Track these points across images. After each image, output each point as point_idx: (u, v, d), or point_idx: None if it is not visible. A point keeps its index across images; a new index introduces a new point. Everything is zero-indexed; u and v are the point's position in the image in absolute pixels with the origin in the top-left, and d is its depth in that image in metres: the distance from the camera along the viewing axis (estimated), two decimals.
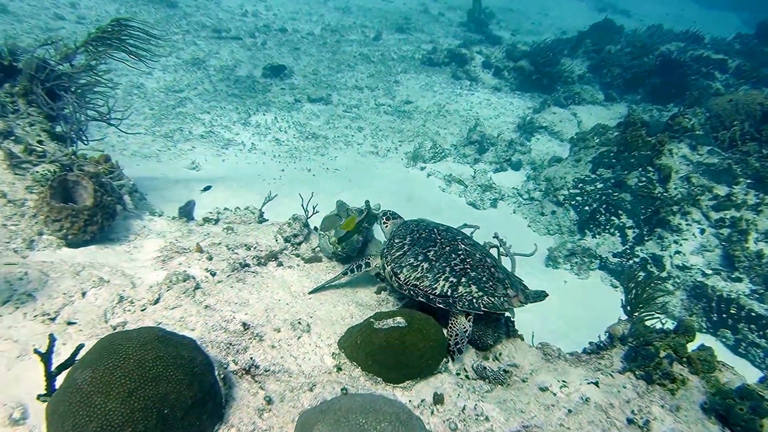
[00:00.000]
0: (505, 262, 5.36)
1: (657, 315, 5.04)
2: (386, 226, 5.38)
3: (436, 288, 4.37)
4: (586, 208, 11.87)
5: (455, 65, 20.07)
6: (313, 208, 6.11)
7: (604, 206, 11.64)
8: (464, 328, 4.27)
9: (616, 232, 11.25)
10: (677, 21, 27.66)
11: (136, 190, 7.79)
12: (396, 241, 4.92)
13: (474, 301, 4.27)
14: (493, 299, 4.29)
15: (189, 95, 15.71)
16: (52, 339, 3.53)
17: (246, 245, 5.82)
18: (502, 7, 30.98)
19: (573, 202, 12.15)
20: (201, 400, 3.07)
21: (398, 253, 4.76)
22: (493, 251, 5.57)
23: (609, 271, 10.84)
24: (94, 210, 5.64)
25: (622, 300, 5.58)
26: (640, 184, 11.39)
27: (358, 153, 14.18)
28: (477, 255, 4.55)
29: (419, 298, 4.42)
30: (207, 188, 10.26)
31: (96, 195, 5.68)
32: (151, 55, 8.65)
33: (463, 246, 4.62)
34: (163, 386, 2.86)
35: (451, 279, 4.39)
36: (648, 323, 4.96)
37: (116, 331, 4.25)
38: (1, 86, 7.50)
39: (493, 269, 4.48)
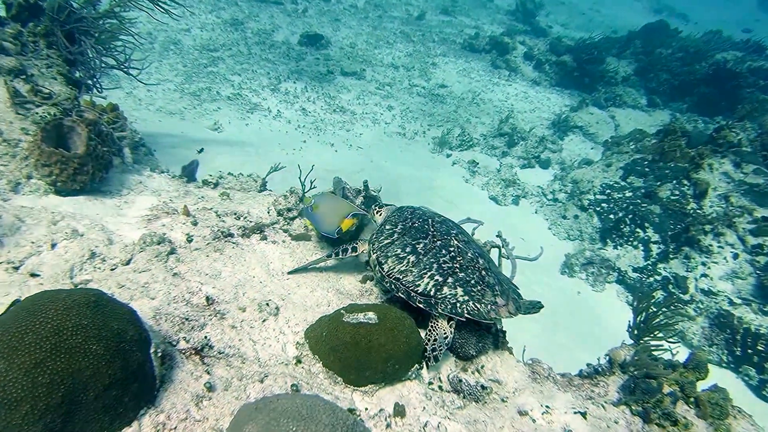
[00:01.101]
0: (502, 265, 4.91)
1: (668, 343, 4.55)
2: (379, 216, 4.96)
3: (419, 285, 3.98)
4: (611, 216, 11.29)
5: (496, 53, 19.41)
6: (311, 183, 5.74)
7: (630, 216, 11.04)
8: (444, 333, 3.88)
9: (640, 245, 10.65)
10: (738, 28, 26.36)
11: (143, 144, 7.57)
12: (387, 227, 4.53)
13: (458, 305, 3.87)
14: (478, 306, 3.88)
15: (222, 55, 15.46)
16: None
17: (236, 214, 5.51)
18: None
19: (598, 209, 11.58)
20: (123, 380, 2.74)
21: (386, 242, 4.38)
22: (494, 252, 5.14)
23: (627, 286, 10.26)
24: (86, 159, 5.36)
25: (629, 321, 5.11)
26: (673, 198, 10.74)
27: (384, 132, 13.77)
28: (469, 254, 4.13)
29: (399, 294, 4.05)
30: (200, 150, 9.99)
31: (89, 143, 5.41)
32: (177, 7, 8.30)
33: (456, 242, 4.21)
34: (78, 360, 2.54)
35: (437, 277, 4.00)
36: (655, 351, 4.48)
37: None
38: (25, 25, 7.28)
39: (484, 272, 4.06)
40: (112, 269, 4.33)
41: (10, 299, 3.57)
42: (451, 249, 4.16)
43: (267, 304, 4.06)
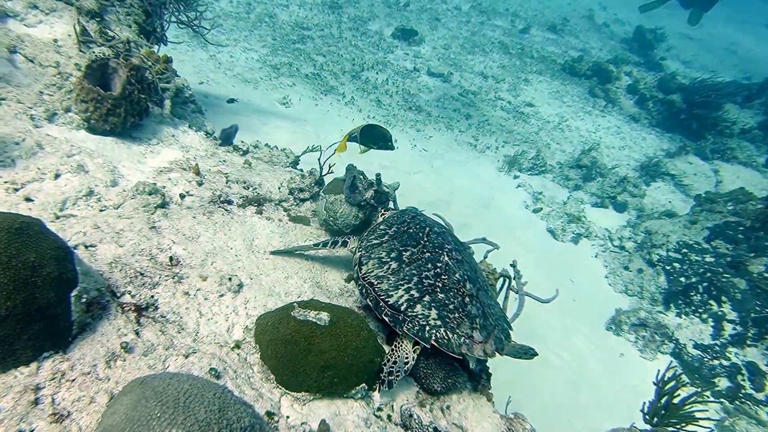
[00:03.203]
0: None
1: None
2: (383, 218, 4.56)
3: (391, 296, 3.59)
4: (682, 279, 10.20)
5: (596, 81, 18.37)
6: (329, 167, 5.45)
7: (705, 284, 9.86)
8: (405, 357, 3.46)
9: (710, 319, 9.49)
10: None
11: (193, 101, 7.54)
12: (381, 227, 4.17)
13: (426, 328, 3.44)
14: (450, 335, 3.44)
15: (313, 35, 15.52)
16: None
17: (246, 183, 5.32)
18: (680, 33, 27.49)
19: (668, 267, 10.53)
20: (23, 316, 2.55)
21: (374, 242, 4.02)
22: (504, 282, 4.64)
23: (682, 362, 9.08)
24: (119, 101, 5.33)
25: (645, 403, 4.47)
26: (766, 275, 9.51)
27: (455, 140, 13.30)
28: (457, 275, 3.68)
29: (368, 301, 3.67)
30: (231, 101, 9.91)
31: (126, 87, 5.37)
32: None
33: (446, 258, 3.78)
34: None
35: (413, 292, 3.59)
36: None
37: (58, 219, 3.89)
38: None
39: (468, 298, 3.60)
40: (101, 210, 4.24)
41: None
42: (439, 265, 3.73)
43: (230, 279, 3.80)
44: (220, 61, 12.51)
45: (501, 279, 4.73)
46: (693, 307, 9.75)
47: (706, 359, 9.06)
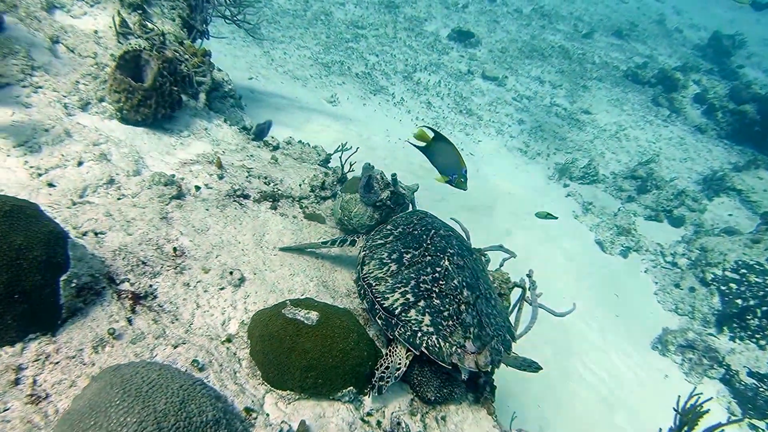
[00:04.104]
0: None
1: None
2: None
3: (387, 299, 3.49)
4: (738, 300, 9.56)
5: (661, 89, 17.55)
6: (350, 165, 5.39)
7: (765, 308, 9.24)
8: (398, 363, 3.34)
9: None
10: None
11: (232, 95, 7.65)
12: (388, 227, 4.08)
13: (418, 335, 3.32)
14: (441, 343, 3.30)
15: (367, 34, 15.54)
16: None
17: (268, 179, 5.32)
18: (764, 39, 25.77)
19: (724, 287, 9.90)
20: (6, 297, 2.62)
21: (379, 242, 3.94)
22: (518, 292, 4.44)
23: (733, 390, 8.49)
24: (150, 92, 5.45)
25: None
26: None
27: (504, 145, 13.01)
28: (455, 281, 3.53)
29: (364, 302, 3.58)
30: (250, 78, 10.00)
31: (157, 78, 5.48)
32: None
33: (446, 263, 3.63)
34: None
35: (408, 296, 3.47)
36: None
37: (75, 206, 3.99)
38: None
39: (464, 306, 3.44)
40: (118, 198, 4.31)
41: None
42: (438, 269, 3.60)
43: (231, 273, 3.78)
44: (273, 58, 12.69)
45: (519, 289, 4.51)
46: (749, 332, 9.14)
47: (761, 389, 8.44)
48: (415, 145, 4.26)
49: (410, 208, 5.06)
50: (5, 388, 2.58)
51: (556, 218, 4.56)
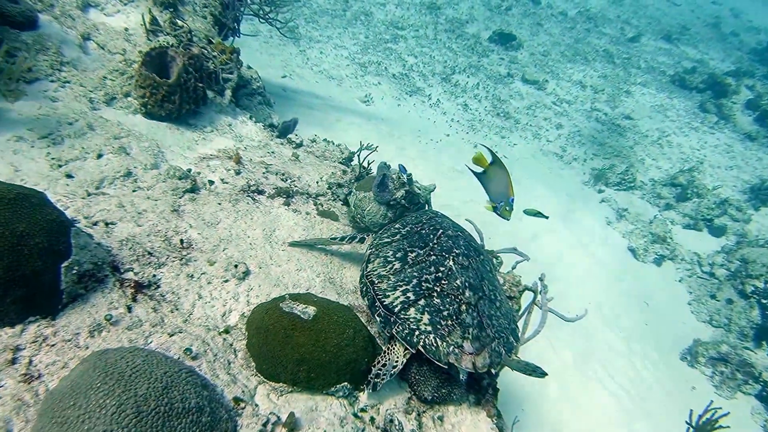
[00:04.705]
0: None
1: None
2: None
3: (388, 296, 3.47)
4: None
5: (709, 95, 16.91)
6: (368, 164, 5.38)
7: None
8: (395, 361, 3.32)
9: None
10: None
11: (260, 93, 7.77)
12: (396, 226, 4.07)
13: (415, 333, 3.29)
14: (439, 342, 3.26)
15: (407, 35, 15.53)
16: None
17: (286, 175, 5.37)
18: None
19: (765, 301, 9.49)
20: (6, 281, 2.71)
21: (386, 240, 3.93)
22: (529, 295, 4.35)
23: None
24: (174, 88, 5.58)
25: None
26: None
27: (540, 149, 12.79)
28: (458, 281, 3.48)
29: (365, 299, 3.57)
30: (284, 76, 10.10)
31: (181, 74, 5.61)
32: None
33: (450, 263, 3.59)
34: None
35: (409, 294, 3.45)
36: None
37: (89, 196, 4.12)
38: None
39: (465, 306, 3.39)
40: (133, 191, 4.42)
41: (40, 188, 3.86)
42: (442, 269, 3.56)
43: (236, 266, 3.83)
44: (309, 57, 12.82)
45: (531, 293, 4.42)
46: None
47: None
48: (472, 171, 4.21)
49: (426, 208, 5.03)
50: (1, 366, 2.67)
51: (547, 217, 4.44)
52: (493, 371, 3.43)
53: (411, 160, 10.24)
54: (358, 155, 5.43)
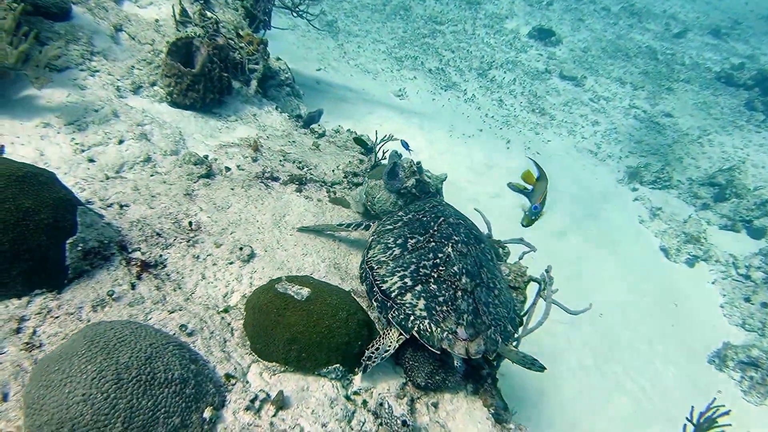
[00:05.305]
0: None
1: None
2: None
3: (386, 282, 3.51)
4: None
5: (758, 92, 16.23)
6: (383, 153, 5.42)
7: None
8: (388, 346, 3.36)
9: None
10: None
11: (289, 84, 7.89)
12: (399, 214, 4.12)
13: (410, 318, 3.32)
14: (433, 328, 3.28)
15: (445, 30, 15.49)
16: (1, 149, 3.73)
17: (302, 163, 5.46)
18: None
19: None
20: (11, 254, 2.86)
21: (388, 227, 3.98)
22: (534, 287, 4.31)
23: None
24: (198, 77, 5.74)
25: None
26: None
27: (574, 146, 12.58)
28: (455, 268, 3.49)
29: (364, 284, 3.62)
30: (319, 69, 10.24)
31: (205, 64, 5.76)
32: None
33: (449, 250, 3.61)
34: None
35: (407, 280, 3.48)
36: None
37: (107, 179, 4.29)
38: None
39: (460, 293, 3.40)
40: (151, 175, 4.58)
41: (63, 174, 4.06)
42: (440, 255, 3.58)
43: (241, 249, 3.93)
44: (346, 51, 12.92)
45: (537, 284, 4.39)
46: None
47: None
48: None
49: (438, 198, 5.05)
50: (6, 334, 2.82)
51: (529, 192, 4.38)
52: (489, 358, 3.43)
53: (440, 153, 10.24)
54: (374, 145, 5.48)
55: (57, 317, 3.01)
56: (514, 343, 4.03)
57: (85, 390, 2.25)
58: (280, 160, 5.39)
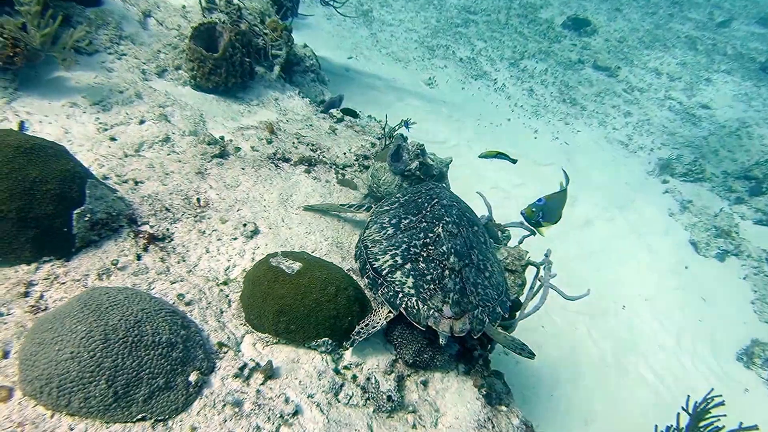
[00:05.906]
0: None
1: None
2: None
3: (378, 260, 3.59)
4: None
5: None
6: (392, 137, 5.47)
7: None
8: (377, 322, 3.44)
9: None
10: None
11: (313, 71, 8.00)
12: (396, 196, 4.19)
13: (398, 295, 3.39)
14: (420, 305, 3.34)
15: (478, 19, 15.36)
16: (21, 124, 3.94)
17: (315, 146, 5.57)
18: None
19: None
20: (18, 220, 3.04)
21: (385, 208, 4.06)
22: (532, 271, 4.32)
23: None
24: (220, 62, 5.89)
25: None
26: None
27: (605, 137, 12.35)
28: (444, 247, 3.54)
29: (357, 262, 3.71)
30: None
31: (226, 49, 5.90)
32: None
33: (439, 230, 3.66)
34: None
35: (397, 258, 3.55)
36: None
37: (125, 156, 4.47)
38: None
39: (448, 272, 3.44)
40: (168, 154, 4.75)
41: (85, 151, 4.29)
42: (431, 235, 3.64)
43: (245, 225, 4.06)
44: (379, 39, 12.97)
45: (536, 269, 4.38)
46: None
47: None
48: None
49: (444, 181, 5.09)
50: (14, 297, 3.01)
51: (514, 161, 4.31)
52: (474, 337, 3.46)
53: (466, 141, 10.21)
54: (384, 128, 5.53)
55: (63, 283, 3.18)
56: (510, 329, 4.06)
57: (73, 348, 2.40)
58: (294, 143, 5.50)
